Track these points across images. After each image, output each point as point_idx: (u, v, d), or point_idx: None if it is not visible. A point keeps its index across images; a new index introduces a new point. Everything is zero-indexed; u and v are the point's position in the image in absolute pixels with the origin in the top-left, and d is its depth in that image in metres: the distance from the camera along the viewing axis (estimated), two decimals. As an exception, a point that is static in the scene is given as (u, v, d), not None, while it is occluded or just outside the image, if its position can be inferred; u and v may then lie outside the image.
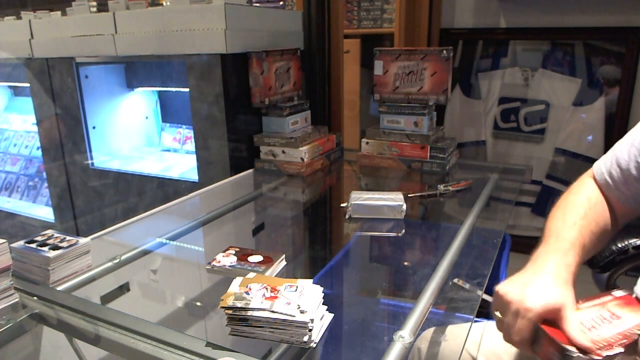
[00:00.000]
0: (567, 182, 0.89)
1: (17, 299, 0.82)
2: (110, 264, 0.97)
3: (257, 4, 2.26)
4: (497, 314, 0.68)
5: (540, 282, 0.66)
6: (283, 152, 1.58)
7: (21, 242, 0.90)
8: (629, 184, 0.78)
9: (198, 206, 1.47)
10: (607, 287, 1.11)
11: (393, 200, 1.21)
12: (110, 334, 0.72)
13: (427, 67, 1.56)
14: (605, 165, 0.83)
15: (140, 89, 2.16)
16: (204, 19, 1.50)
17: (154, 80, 2.09)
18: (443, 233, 1.28)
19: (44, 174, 2.33)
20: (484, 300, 1.18)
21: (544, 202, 2.00)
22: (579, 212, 0.79)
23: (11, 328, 0.78)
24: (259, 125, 1.67)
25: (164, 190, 1.82)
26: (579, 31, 1.81)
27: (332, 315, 0.71)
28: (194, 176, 1.72)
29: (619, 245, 1.04)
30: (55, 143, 2.07)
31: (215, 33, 1.48)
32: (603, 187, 0.83)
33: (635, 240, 1.02)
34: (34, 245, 0.89)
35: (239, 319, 0.66)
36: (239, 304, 0.67)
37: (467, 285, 0.94)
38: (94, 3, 1.84)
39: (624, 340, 0.61)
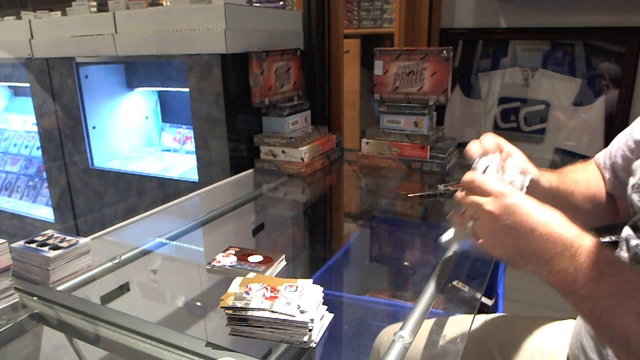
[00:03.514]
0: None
1: (17, 299, 0.82)
2: (110, 264, 0.97)
3: (257, 4, 2.26)
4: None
5: None
6: (283, 152, 1.58)
7: (21, 242, 0.90)
8: (616, 172, 0.79)
9: (198, 206, 1.47)
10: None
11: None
12: (110, 334, 0.72)
13: (427, 67, 1.56)
14: (603, 153, 0.85)
15: (140, 89, 2.16)
16: (204, 19, 1.50)
17: (154, 80, 2.09)
18: (443, 233, 1.28)
19: (44, 174, 2.33)
20: (483, 304, 1.18)
21: (544, 202, 2.00)
22: (567, 168, 0.85)
23: (11, 328, 0.78)
24: (259, 125, 1.67)
25: (164, 190, 1.82)
26: (579, 31, 1.81)
27: (332, 315, 0.71)
28: (194, 176, 1.72)
29: None
30: (55, 143, 2.07)
31: (215, 33, 1.48)
32: (600, 173, 0.85)
33: (601, 239, 1.04)
34: (34, 245, 0.89)
35: (239, 319, 0.66)
36: (239, 304, 0.67)
37: (466, 288, 0.94)
38: (94, 3, 1.84)
39: None
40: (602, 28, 1.77)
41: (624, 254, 0.68)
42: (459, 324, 0.91)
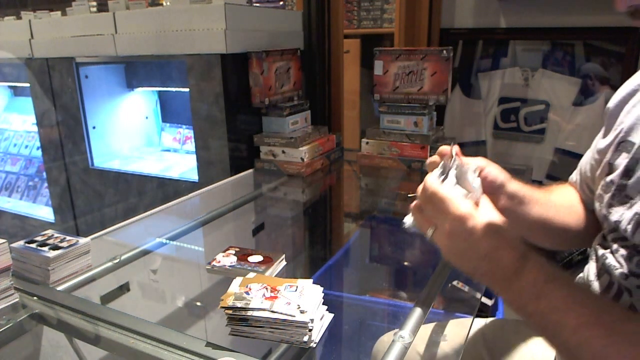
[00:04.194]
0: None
1: (17, 299, 0.82)
2: (110, 264, 0.97)
3: (257, 4, 2.26)
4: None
5: None
6: (283, 152, 1.58)
7: (21, 242, 0.90)
8: (588, 185, 0.79)
9: (198, 206, 1.47)
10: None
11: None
12: (110, 334, 0.72)
13: (427, 67, 1.56)
14: (575, 172, 0.85)
15: (140, 89, 2.16)
16: (204, 19, 1.50)
17: (154, 80, 2.09)
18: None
19: (44, 174, 2.33)
20: (483, 304, 1.18)
21: (544, 202, 2.00)
22: (550, 190, 0.83)
23: (11, 328, 0.78)
24: (259, 125, 1.67)
25: (164, 190, 1.82)
26: (579, 31, 1.81)
27: (332, 315, 0.71)
28: (194, 176, 1.72)
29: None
30: (55, 143, 2.07)
31: (215, 33, 1.48)
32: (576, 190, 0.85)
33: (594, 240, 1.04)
34: (34, 245, 0.89)
35: (239, 319, 0.66)
36: (239, 304, 0.67)
37: (466, 288, 0.94)
38: (94, 3, 1.84)
39: None
40: (602, 28, 1.76)
41: (593, 263, 0.68)
42: (459, 326, 0.91)
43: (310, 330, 0.64)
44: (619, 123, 0.67)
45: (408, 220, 0.71)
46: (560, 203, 0.81)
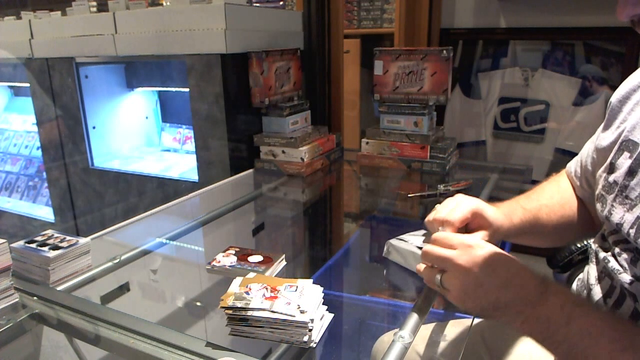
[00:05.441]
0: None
1: (17, 299, 0.82)
2: (110, 264, 0.97)
3: (257, 4, 2.26)
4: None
5: None
6: (283, 152, 1.58)
7: (21, 242, 0.90)
8: (588, 179, 0.78)
9: (198, 206, 1.47)
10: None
11: None
12: (110, 334, 0.72)
13: (427, 67, 1.56)
14: (574, 162, 0.84)
15: (140, 89, 2.16)
16: (204, 19, 1.50)
17: (154, 80, 2.09)
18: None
19: (44, 174, 2.33)
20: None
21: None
22: (542, 189, 0.83)
23: (11, 328, 0.78)
24: (259, 125, 1.67)
25: (164, 190, 1.82)
26: (579, 31, 1.81)
27: (332, 315, 0.71)
28: (194, 176, 1.72)
29: (578, 245, 1.05)
30: (55, 143, 2.07)
31: (215, 33, 1.48)
32: (572, 184, 0.84)
33: (593, 240, 1.04)
34: (34, 245, 0.89)
35: (239, 319, 0.66)
36: (239, 304, 0.67)
37: None
38: (94, 3, 1.84)
39: None
40: (602, 28, 1.77)
41: (593, 266, 0.67)
42: (459, 326, 0.91)
43: (310, 330, 0.64)
44: (621, 120, 0.66)
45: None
46: (552, 205, 0.80)
